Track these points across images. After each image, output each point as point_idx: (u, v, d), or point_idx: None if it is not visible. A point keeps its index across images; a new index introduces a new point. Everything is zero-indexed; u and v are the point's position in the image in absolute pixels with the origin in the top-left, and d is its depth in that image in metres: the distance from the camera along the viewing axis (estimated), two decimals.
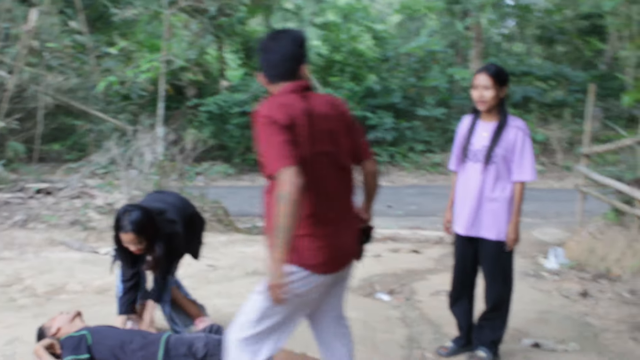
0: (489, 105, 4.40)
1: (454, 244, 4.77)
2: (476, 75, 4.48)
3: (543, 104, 23.84)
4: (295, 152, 2.91)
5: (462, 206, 4.60)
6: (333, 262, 3.16)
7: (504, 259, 4.54)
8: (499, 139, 4.38)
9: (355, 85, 22.66)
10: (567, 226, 10.91)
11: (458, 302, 4.81)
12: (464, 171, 4.58)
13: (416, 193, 16.75)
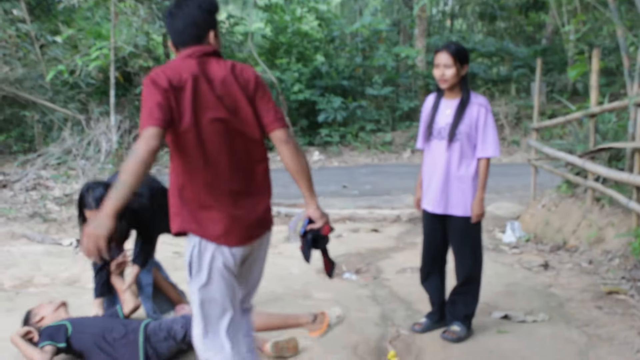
0: (450, 83, 4.48)
1: (423, 221, 4.87)
2: (437, 54, 4.53)
3: (488, 80, 24.20)
4: (167, 115, 2.84)
5: (428, 184, 4.69)
6: (234, 233, 3.05)
7: (473, 235, 4.65)
8: (461, 116, 4.47)
9: (302, 66, 22.65)
10: (521, 200, 11.17)
11: (429, 277, 4.91)
12: (430, 149, 4.66)
13: (369, 172, 16.89)
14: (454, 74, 4.45)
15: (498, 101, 22.14)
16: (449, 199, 4.56)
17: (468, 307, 4.73)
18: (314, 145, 21.75)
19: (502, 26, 28.48)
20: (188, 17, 3.10)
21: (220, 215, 3.01)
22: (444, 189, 4.56)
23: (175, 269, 6.93)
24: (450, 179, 4.54)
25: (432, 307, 4.95)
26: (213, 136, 2.97)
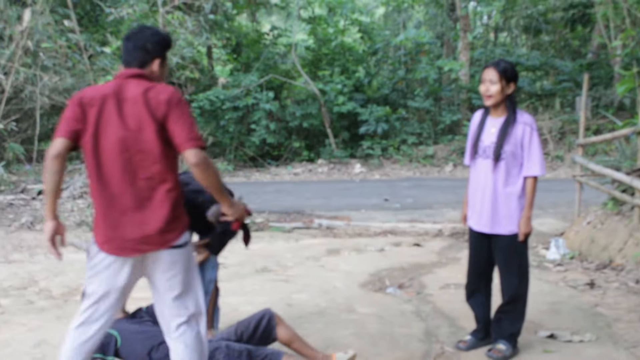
0: (494, 100, 4.49)
1: (469, 239, 4.87)
2: (484, 69, 4.57)
3: (532, 94, 24.00)
4: (71, 127, 3.24)
5: (474, 202, 4.71)
6: (112, 244, 3.27)
7: (519, 253, 4.63)
8: (506, 135, 4.46)
9: (345, 78, 22.71)
10: (565, 216, 11.06)
11: (475, 295, 4.91)
12: (475, 167, 4.68)
13: (411, 186, 16.85)
14: (498, 91, 4.46)
15: (542, 116, 21.92)
16: (496, 218, 4.57)
17: (514, 325, 4.70)
18: (355, 157, 21.77)
19: (547, 40, 28.25)
20: (139, 41, 3.42)
21: (105, 224, 3.28)
22: (490, 208, 4.56)
23: (219, 280, 6.98)
24: (497, 198, 4.54)
25: (477, 324, 4.93)
26: (110, 151, 3.23)
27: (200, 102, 20.79)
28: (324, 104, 21.82)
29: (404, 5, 27.27)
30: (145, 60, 3.39)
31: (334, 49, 23.94)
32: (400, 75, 23.51)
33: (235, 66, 24.71)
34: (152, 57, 3.41)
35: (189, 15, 13.25)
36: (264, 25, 28.61)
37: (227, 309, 5.77)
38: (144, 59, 3.39)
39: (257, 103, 21.29)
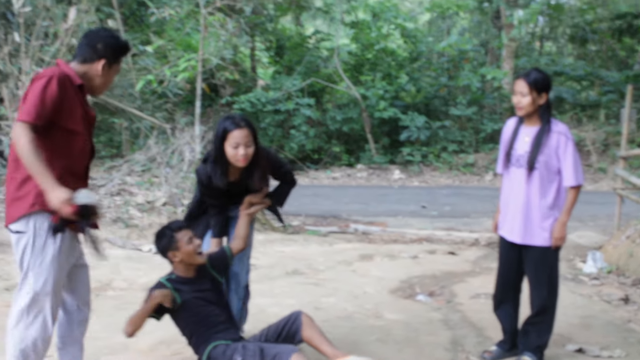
0: (525, 112, 4.47)
1: (499, 248, 4.83)
2: (515, 80, 4.54)
3: (576, 105, 23.68)
4: None
5: (506, 211, 4.66)
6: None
7: (550, 264, 4.57)
8: (540, 145, 4.43)
9: (386, 84, 22.66)
10: (604, 230, 10.88)
11: (502, 305, 4.83)
12: (508, 176, 4.64)
13: (450, 194, 16.74)
14: (530, 103, 4.42)
15: (585, 127, 21.61)
16: (528, 228, 4.51)
17: (541, 337, 4.63)
18: (395, 163, 21.68)
19: (593, 50, 27.89)
20: (92, 40, 3.53)
21: None
22: (523, 218, 4.51)
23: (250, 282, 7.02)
24: (530, 208, 4.48)
25: (503, 335, 4.86)
26: None
27: (241, 104, 20.91)
28: (365, 109, 21.80)
29: (449, 12, 27.13)
30: (90, 58, 3.50)
31: (377, 54, 23.90)
32: (443, 82, 23.39)
33: (277, 69, 24.82)
34: (98, 56, 3.50)
35: (230, 17, 13.31)
36: (308, 28, 28.69)
37: (255, 310, 5.77)
38: (88, 56, 3.50)
39: (298, 108, 21.34)
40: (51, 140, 3.35)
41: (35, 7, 11.14)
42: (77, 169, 3.52)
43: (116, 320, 5.34)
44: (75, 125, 3.43)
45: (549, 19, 27.38)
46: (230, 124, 4.11)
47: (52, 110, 3.28)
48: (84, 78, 3.51)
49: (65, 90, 3.34)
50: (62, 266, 3.52)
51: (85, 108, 3.51)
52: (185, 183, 10.38)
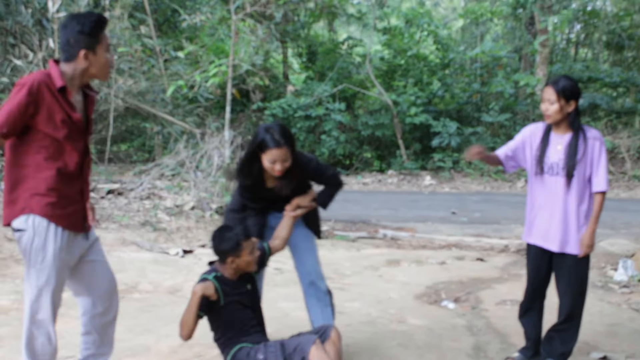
0: (553, 119, 4.41)
1: (528, 255, 4.75)
2: (545, 87, 4.47)
3: (611, 111, 23.40)
4: None
5: (539, 219, 4.58)
6: None
7: (582, 273, 4.53)
8: (577, 152, 4.38)
9: (418, 90, 22.60)
10: (637, 237, 10.73)
11: (528, 313, 4.78)
12: (543, 184, 4.55)
13: (480, 200, 16.62)
14: (557, 110, 4.37)
15: (620, 134, 21.34)
16: (567, 237, 4.45)
17: (566, 345, 4.58)
18: (426, 169, 21.61)
19: (629, 56, 27.54)
20: (64, 36, 3.49)
21: None
22: (562, 227, 4.45)
23: (275, 285, 7.04)
24: (569, 216, 4.44)
25: (526, 342, 4.81)
26: None
27: (273, 110, 21.00)
28: (396, 114, 21.76)
29: (482, 19, 26.97)
30: (71, 55, 3.48)
31: (409, 60, 23.84)
32: (475, 89, 23.25)
33: (309, 75, 24.89)
34: (77, 50, 3.46)
35: (260, 23, 13.39)
36: (341, 35, 28.74)
37: (279, 314, 5.79)
38: (68, 54, 3.48)
39: (329, 114, 21.37)
40: (38, 143, 3.40)
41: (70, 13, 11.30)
42: (70, 169, 3.53)
43: (140, 322, 5.40)
44: (55, 130, 3.41)
45: (585, 25, 27.10)
46: (270, 141, 4.07)
47: (21, 118, 3.32)
48: (75, 75, 3.51)
49: (41, 95, 3.33)
50: (64, 263, 3.55)
51: (67, 111, 3.46)
52: (214, 187, 10.44)
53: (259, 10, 13.36)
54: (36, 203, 3.41)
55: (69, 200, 3.53)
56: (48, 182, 3.43)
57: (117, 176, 12.54)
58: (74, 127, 3.50)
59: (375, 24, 24.82)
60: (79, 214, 3.63)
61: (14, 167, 3.43)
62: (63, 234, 3.49)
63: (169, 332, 5.06)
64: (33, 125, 3.37)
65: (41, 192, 3.42)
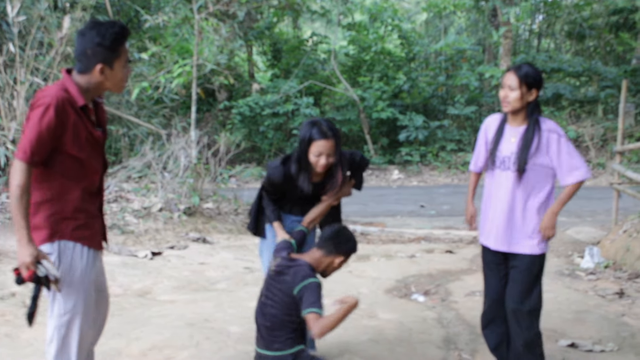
0: (512, 107, 4.05)
1: (482, 258, 4.43)
2: (505, 73, 4.14)
3: (574, 101, 23.68)
4: None
5: (491, 218, 4.25)
6: None
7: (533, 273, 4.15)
8: (529, 146, 4.03)
9: (384, 85, 22.68)
10: (602, 225, 10.88)
11: (491, 324, 4.40)
12: (492, 179, 4.25)
13: (448, 192, 16.73)
14: (517, 98, 4.01)
15: (584, 122, 21.63)
16: (513, 235, 4.13)
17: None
18: (394, 163, 21.70)
19: (591, 45, 27.87)
20: (81, 45, 3.21)
21: None
22: (508, 225, 4.13)
23: (245, 284, 7.03)
24: (515, 214, 4.12)
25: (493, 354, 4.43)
26: None
27: (240, 108, 20.97)
28: (363, 110, 21.82)
29: (446, 12, 27.13)
30: (86, 67, 3.23)
31: (374, 56, 23.90)
32: (441, 82, 23.41)
33: (274, 72, 24.87)
34: (93, 63, 3.21)
35: (223, 22, 13.33)
36: (305, 32, 28.73)
37: (248, 313, 5.77)
38: (84, 66, 3.23)
39: (298, 109, 21.37)
40: (62, 166, 3.19)
41: (30, 16, 11.14)
42: (94, 188, 3.38)
43: (110, 326, 5.31)
44: (80, 151, 3.21)
45: (546, 15, 27.37)
46: (317, 133, 4.03)
47: (51, 142, 3.09)
48: (89, 89, 3.27)
49: (66, 116, 3.12)
50: (91, 284, 3.36)
51: (89, 129, 3.26)
52: (181, 188, 10.39)
53: (222, 9, 13.32)
54: (65, 227, 3.22)
55: (94, 219, 3.37)
56: (75, 204, 3.24)
57: None
58: (96, 145, 3.34)
59: (340, 20, 24.86)
60: (100, 230, 3.47)
61: (36, 190, 3.17)
62: (89, 253, 3.31)
63: (139, 335, 5.04)
64: (59, 147, 3.15)
65: (69, 215, 3.23)
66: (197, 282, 7.01)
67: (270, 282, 3.82)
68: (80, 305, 3.29)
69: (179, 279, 7.08)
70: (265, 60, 25.99)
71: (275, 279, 3.77)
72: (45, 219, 3.19)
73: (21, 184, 3.02)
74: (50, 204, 3.20)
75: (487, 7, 24.97)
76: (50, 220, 3.20)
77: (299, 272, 3.66)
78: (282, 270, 3.75)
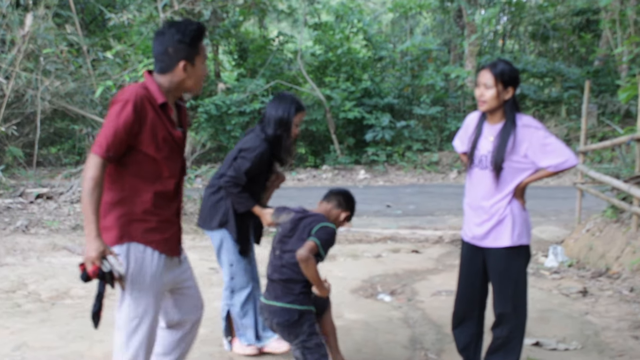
0: (489, 106, 3.95)
1: (461, 252, 4.35)
2: (481, 70, 4.03)
3: (539, 101, 23.94)
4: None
5: (469, 214, 4.21)
6: None
7: (514, 267, 4.05)
8: (506, 144, 3.93)
9: (350, 85, 22.72)
10: (566, 224, 10.99)
11: (464, 324, 4.28)
12: (471, 177, 4.18)
13: (414, 192, 16.80)
14: (494, 96, 3.91)
15: (548, 122, 21.89)
16: (490, 230, 4.03)
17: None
18: (360, 163, 21.76)
19: (554, 46, 28.18)
20: (161, 45, 3.19)
21: None
22: (484, 220, 4.05)
23: (211, 285, 6.98)
24: (490, 209, 4.02)
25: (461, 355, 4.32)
26: None
27: (206, 107, 20.89)
28: (329, 110, 21.83)
29: (412, 12, 27.24)
30: (167, 66, 3.19)
31: (340, 56, 23.94)
32: (407, 82, 23.51)
33: (241, 72, 24.78)
34: (175, 61, 3.18)
35: None
36: (272, 31, 28.67)
37: (214, 314, 5.73)
38: (165, 65, 3.20)
39: (264, 108, 21.29)
40: (136, 166, 3.16)
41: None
42: (169, 192, 3.29)
43: (73, 329, 5.29)
44: (157, 151, 3.17)
45: (511, 16, 27.61)
46: (300, 106, 4.65)
47: (127, 138, 3.06)
48: (171, 89, 3.24)
49: (144, 113, 3.09)
50: (162, 289, 3.32)
51: (169, 129, 3.22)
52: None
53: (187, 8, 13.23)
54: (135, 230, 3.17)
55: (167, 223, 3.29)
56: (146, 206, 3.18)
57: (46, 180, 12.26)
58: (174, 146, 3.28)
59: (306, 19, 24.85)
60: (176, 236, 3.39)
61: (109, 190, 3.13)
62: (159, 258, 3.24)
63: (103, 337, 4.95)
64: (135, 146, 3.11)
65: (139, 217, 3.18)
66: None
67: (285, 235, 3.92)
68: (150, 311, 3.23)
69: None
70: (231, 59, 25.90)
71: (292, 230, 3.90)
72: (115, 220, 3.14)
73: (94, 177, 2.97)
74: (121, 205, 3.15)
75: (452, 7, 25.15)
76: (120, 222, 3.15)
77: (318, 218, 3.90)
78: (301, 218, 3.92)
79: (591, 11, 24.20)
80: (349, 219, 4.15)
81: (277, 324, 3.83)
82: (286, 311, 3.80)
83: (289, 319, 3.80)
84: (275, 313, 3.83)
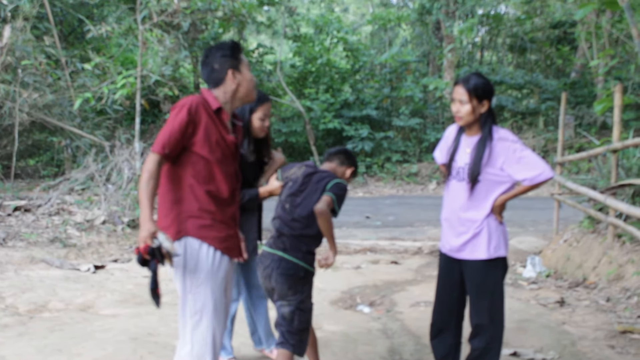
0: (465, 121, 3.98)
1: (439, 264, 4.35)
2: (454, 86, 4.04)
3: (516, 113, 24.11)
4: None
5: (446, 226, 4.21)
6: None
7: (491, 285, 4.07)
8: (482, 156, 3.94)
9: (330, 96, 22.79)
10: (544, 234, 11.06)
11: (441, 334, 4.26)
12: (449, 189, 4.19)
13: (394, 203, 16.85)
14: (469, 112, 3.94)
15: (526, 134, 22.05)
16: (467, 243, 4.04)
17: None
18: None
19: (532, 59, 28.43)
20: (208, 65, 3.54)
21: None
22: (461, 232, 4.06)
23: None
24: (466, 222, 4.04)
25: None
26: None
27: None
28: (308, 121, 21.88)
29: (390, 24, 27.39)
30: (218, 80, 3.52)
31: (320, 67, 24.01)
32: (386, 94, 23.62)
33: None
34: (224, 72, 3.51)
35: (168, 33, 13.24)
36: (251, 43, 28.70)
37: None
38: (215, 80, 3.52)
39: None
40: (192, 166, 3.39)
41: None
42: (223, 195, 3.48)
43: (50, 342, 5.25)
44: (210, 152, 3.41)
45: (489, 28, 27.84)
46: (261, 97, 4.36)
47: (181, 137, 3.33)
48: (227, 99, 3.54)
49: (199, 116, 3.37)
50: (219, 284, 3.45)
51: (222, 134, 3.47)
52: (125, 200, 10.26)
53: (167, 20, 13.21)
54: (190, 225, 3.38)
55: (222, 224, 3.47)
56: (200, 204, 3.40)
57: (25, 192, 12.16)
58: (227, 150, 3.50)
59: (285, 31, 24.91)
60: (235, 239, 3.57)
61: (169, 191, 3.42)
62: (215, 254, 3.41)
63: (81, 351, 4.94)
64: (189, 147, 3.38)
65: (194, 214, 3.39)
66: (141, 295, 6.90)
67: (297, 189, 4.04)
68: (209, 306, 3.39)
69: (122, 293, 6.97)
70: None
71: (303, 184, 4.03)
72: (174, 218, 3.39)
73: (150, 170, 3.25)
74: (179, 204, 3.40)
75: (430, 20, 25.31)
76: (178, 219, 3.39)
77: (329, 174, 4.06)
78: (311, 173, 4.07)
79: (568, 24, 24.43)
80: (355, 174, 4.32)
81: (280, 274, 3.90)
82: (293, 265, 3.90)
83: (293, 273, 3.90)
84: (279, 262, 3.91)
